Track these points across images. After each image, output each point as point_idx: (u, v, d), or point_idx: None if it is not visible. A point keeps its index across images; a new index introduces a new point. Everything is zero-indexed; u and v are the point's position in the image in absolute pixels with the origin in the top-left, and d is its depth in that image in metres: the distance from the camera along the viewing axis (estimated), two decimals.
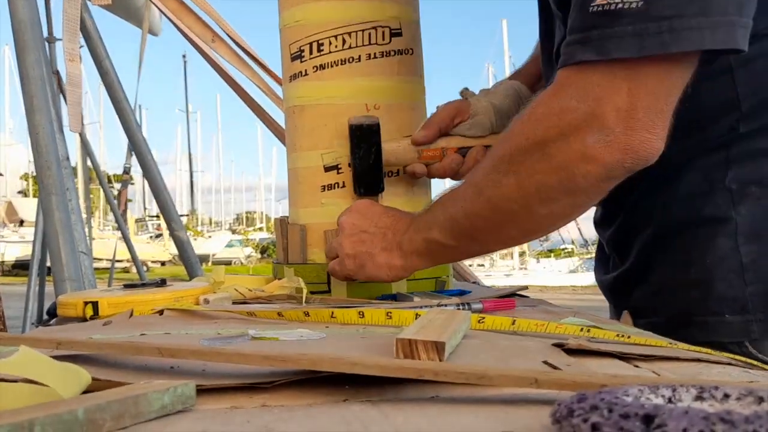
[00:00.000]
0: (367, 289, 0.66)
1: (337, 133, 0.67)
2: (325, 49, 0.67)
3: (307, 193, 0.70)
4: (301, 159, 0.70)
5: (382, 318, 0.44)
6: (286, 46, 0.70)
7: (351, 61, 0.67)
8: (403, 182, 0.70)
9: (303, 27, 0.68)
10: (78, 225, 1.42)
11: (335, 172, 0.68)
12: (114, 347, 0.30)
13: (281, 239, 0.73)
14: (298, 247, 0.69)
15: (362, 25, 0.67)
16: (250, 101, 1.49)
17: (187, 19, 1.33)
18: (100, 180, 3.05)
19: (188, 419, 0.24)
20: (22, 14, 1.37)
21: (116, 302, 0.54)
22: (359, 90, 0.68)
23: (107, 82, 2.08)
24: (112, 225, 17.67)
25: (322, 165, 0.68)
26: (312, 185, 0.69)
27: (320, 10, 0.67)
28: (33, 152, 1.35)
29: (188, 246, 2.13)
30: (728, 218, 0.56)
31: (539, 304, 0.62)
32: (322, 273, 0.66)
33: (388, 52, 0.68)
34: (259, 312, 0.49)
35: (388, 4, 0.69)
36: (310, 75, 0.68)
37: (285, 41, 0.70)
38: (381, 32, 0.68)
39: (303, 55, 0.68)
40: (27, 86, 1.35)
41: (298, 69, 0.68)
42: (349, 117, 0.67)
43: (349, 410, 0.25)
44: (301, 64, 0.68)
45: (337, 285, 0.66)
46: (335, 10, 0.67)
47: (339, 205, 0.66)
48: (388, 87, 0.69)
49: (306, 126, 0.69)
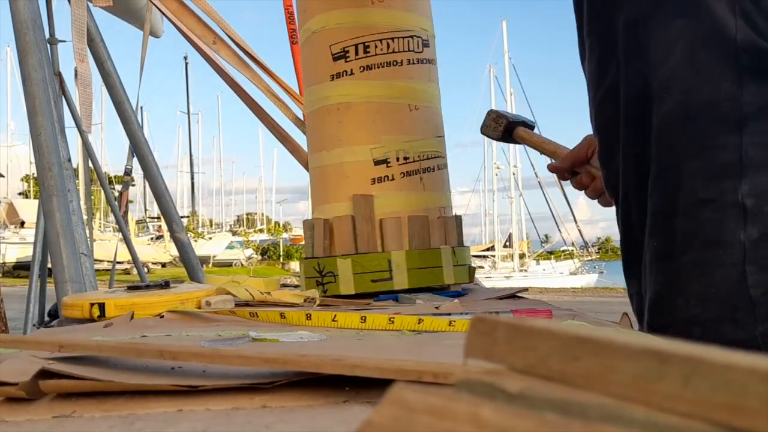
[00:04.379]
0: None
1: (385, 130, 0.72)
2: (371, 51, 0.72)
3: (354, 186, 0.72)
4: (349, 154, 0.73)
5: (384, 323, 0.44)
6: (325, 46, 0.73)
7: (394, 64, 0.73)
8: (420, 179, 0.75)
9: (347, 29, 0.72)
10: (79, 226, 1.42)
11: (384, 166, 0.72)
12: (116, 349, 0.31)
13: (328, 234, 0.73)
14: (373, 238, 0.71)
15: (403, 32, 0.73)
16: (251, 103, 1.50)
17: (189, 20, 1.33)
18: (101, 181, 3.05)
19: (190, 419, 0.24)
20: (24, 15, 1.38)
21: (123, 304, 0.54)
22: (402, 91, 0.74)
23: (109, 83, 2.09)
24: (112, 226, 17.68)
25: (372, 159, 0.72)
26: (363, 179, 0.72)
27: (366, 15, 0.72)
28: (34, 153, 1.35)
29: (189, 248, 2.13)
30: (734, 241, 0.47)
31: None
32: (383, 262, 0.69)
33: (422, 60, 0.75)
34: (261, 314, 0.49)
35: (419, 17, 0.75)
36: (356, 74, 0.72)
37: (323, 42, 0.73)
38: (416, 41, 0.74)
39: (348, 55, 0.72)
40: (29, 87, 1.36)
41: (343, 68, 0.72)
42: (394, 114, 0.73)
43: (349, 411, 0.25)
44: (346, 63, 0.72)
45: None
46: (381, 16, 0.72)
47: (388, 197, 0.71)
48: (422, 90, 0.75)
49: (354, 122, 0.73)
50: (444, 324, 0.43)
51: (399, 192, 0.72)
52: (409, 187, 0.73)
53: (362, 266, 0.68)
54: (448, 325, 0.43)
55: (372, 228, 0.70)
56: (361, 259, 0.69)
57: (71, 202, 1.35)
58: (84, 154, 3.11)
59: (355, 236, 0.71)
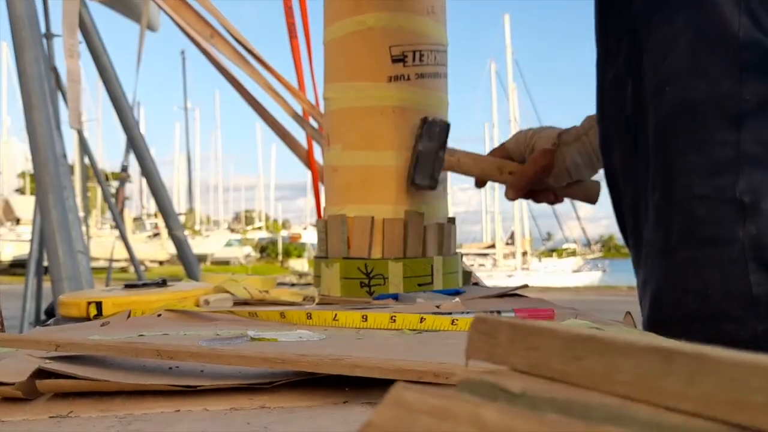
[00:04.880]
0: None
1: None
2: (425, 60, 0.75)
3: (402, 190, 0.74)
4: (400, 158, 0.75)
5: (386, 322, 0.44)
6: (385, 46, 0.74)
7: (437, 76, 0.76)
8: (442, 187, 0.78)
9: (408, 34, 0.74)
10: (75, 224, 1.42)
11: None
12: (113, 348, 0.30)
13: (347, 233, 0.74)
14: (421, 243, 0.73)
15: (442, 46, 0.77)
16: (249, 98, 1.49)
17: (186, 14, 1.32)
18: (98, 178, 3.03)
19: (188, 420, 0.24)
20: (20, 10, 1.37)
21: (120, 302, 0.53)
22: (441, 102, 0.78)
23: (105, 78, 2.08)
24: (109, 224, 17.62)
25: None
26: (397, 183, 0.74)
27: (423, 23, 0.75)
28: (30, 149, 1.34)
29: (186, 245, 2.12)
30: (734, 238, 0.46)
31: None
32: (428, 266, 0.71)
33: (446, 73, 0.79)
34: (261, 313, 0.49)
35: (445, 31, 0.79)
36: (412, 80, 0.74)
37: (382, 41, 0.74)
38: (445, 55, 0.78)
39: (406, 60, 0.74)
40: (25, 83, 1.35)
41: (401, 72, 0.74)
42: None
43: (349, 412, 0.25)
44: (404, 68, 0.74)
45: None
46: (432, 27, 0.75)
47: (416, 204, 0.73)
48: (446, 103, 0.79)
49: (408, 127, 0.75)
50: (447, 323, 0.43)
51: (434, 199, 0.76)
52: (440, 194, 0.78)
53: (412, 270, 0.70)
54: (451, 323, 0.43)
55: (421, 233, 0.73)
56: (411, 263, 0.71)
57: (67, 198, 1.34)
58: (80, 151, 3.09)
59: (405, 240, 0.72)
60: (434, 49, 0.76)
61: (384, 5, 0.74)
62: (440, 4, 0.77)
